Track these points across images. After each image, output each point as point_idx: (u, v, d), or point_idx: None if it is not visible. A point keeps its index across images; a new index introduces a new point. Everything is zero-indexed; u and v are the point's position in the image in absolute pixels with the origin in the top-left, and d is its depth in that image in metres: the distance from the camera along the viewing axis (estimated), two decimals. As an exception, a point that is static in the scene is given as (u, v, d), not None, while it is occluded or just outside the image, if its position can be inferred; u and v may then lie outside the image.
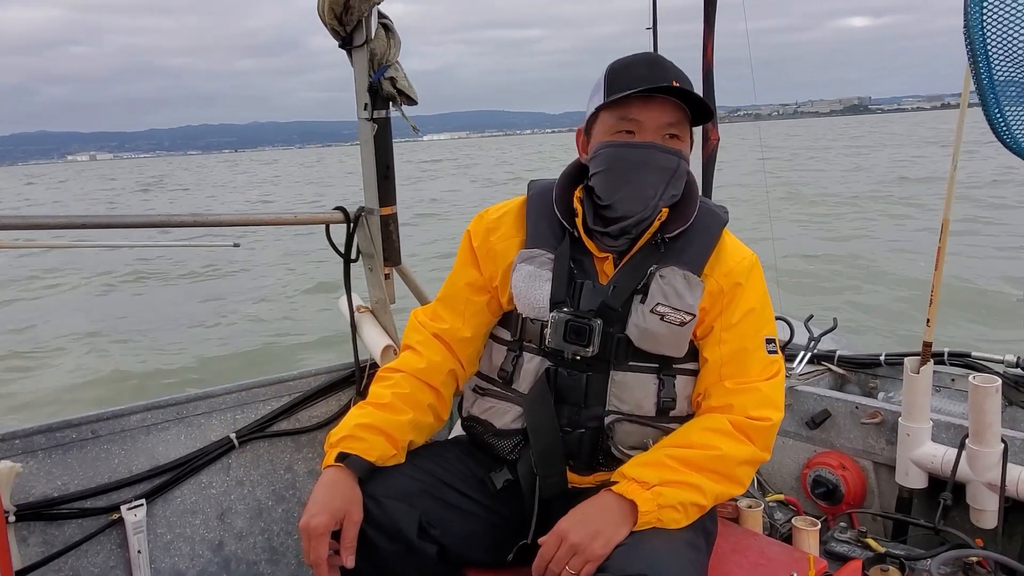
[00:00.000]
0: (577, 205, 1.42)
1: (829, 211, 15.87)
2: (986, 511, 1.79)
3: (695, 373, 1.43)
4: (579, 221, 1.41)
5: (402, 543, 1.32)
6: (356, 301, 2.03)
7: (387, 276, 2.00)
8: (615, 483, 1.30)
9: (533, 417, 1.42)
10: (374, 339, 1.94)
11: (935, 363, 1.98)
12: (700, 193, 1.48)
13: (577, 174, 1.47)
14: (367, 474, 1.34)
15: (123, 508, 1.65)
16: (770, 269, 1.54)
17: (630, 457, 1.37)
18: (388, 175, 1.93)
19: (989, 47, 1.30)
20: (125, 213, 1.79)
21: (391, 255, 1.98)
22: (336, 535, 1.27)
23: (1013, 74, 1.36)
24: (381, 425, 1.38)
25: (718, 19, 2.63)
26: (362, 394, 1.99)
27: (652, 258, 1.39)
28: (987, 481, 1.77)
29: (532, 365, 1.43)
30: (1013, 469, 1.75)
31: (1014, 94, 1.36)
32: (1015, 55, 1.33)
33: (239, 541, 1.85)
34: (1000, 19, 1.27)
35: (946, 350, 2.31)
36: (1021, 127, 1.40)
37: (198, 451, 1.77)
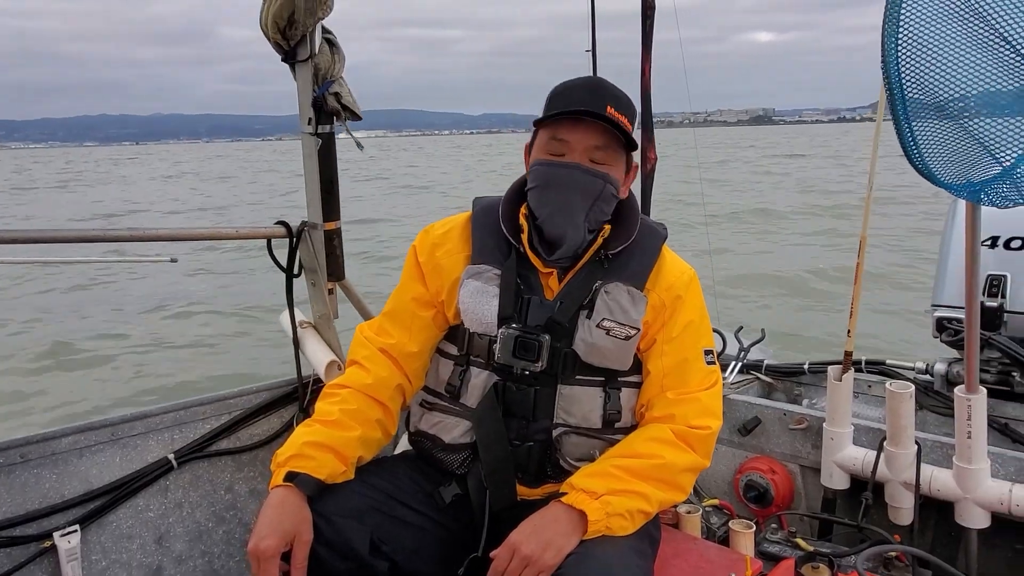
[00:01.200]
0: (523, 222, 1.46)
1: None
2: (903, 508, 1.92)
3: (638, 385, 1.48)
4: (525, 237, 1.45)
5: (354, 561, 1.32)
6: (299, 316, 2.01)
7: (331, 291, 1.99)
8: (564, 494, 1.34)
9: (482, 431, 1.44)
10: (318, 355, 1.93)
11: (854, 371, 2.10)
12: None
13: (522, 189, 1.50)
14: (317, 493, 1.33)
15: (56, 535, 1.58)
16: (706, 279, 1.61)
17: (577, 468, 1.41)
18: (332, 190, 1.93)
19: (903, 72, 1.41)
20: (55, 228, 1.72)
21: (335, 270, 1.97)
22: (286, 556, 1.26)
23: (922, 96, 1.47)
24: (330, 442, 1.38)
25: (637, 27, 2.72)
26: (305, 411, 1.96)
27: (597, 274, 1.44)
28: (903, 480, 1.89)
29: (480, 380, 1.46)
30: (925, 469, 1.88)
31: (923, 115, 1.48)
32: (924, 80, 1.44)
33: (178, 565, 1.79)
34: (912, 46, 1.38)
35: (863, 358, 2.47)
36: (928, 148, 1.52)
37: (134, 473, 1.72)
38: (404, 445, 1.87)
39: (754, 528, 1.79)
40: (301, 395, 1.96)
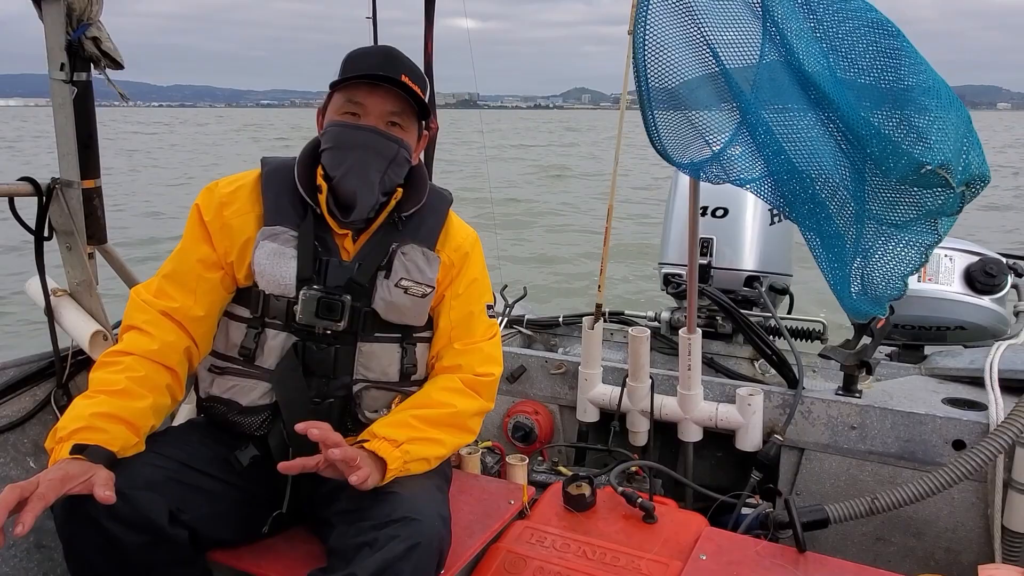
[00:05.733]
0: (322, 182, 1.48)
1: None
2: (640, 432, 2.31)
3: (430, 339, 1.61)
4: (323, 199, 1.48)
5: (150, 534, 1.28)
6: (51, 284, 1.81)
7: (91, 255, 1.82)
8: (365, 441, 1.41)
9: (284, 391, 1.46)
10: (78, 325, 1.77)
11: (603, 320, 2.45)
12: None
13: (316, 152, 1.52)
14: (110, 465, 1.26)
15: None
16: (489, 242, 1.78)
17: (375, 420, 1.51)
18: (91, 144, 1.76)
19: (648, 67, 1.69)
20: None
21: (96, 232, 1.81)
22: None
23: (660, 85, 1.77)
24: (120, 413, 1.31)
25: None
26: (64, 387, 1.80)
27: (392, 236, 1.52)
28: (640, 409, 2.28)
29: (277, 341, 1.47)
30: (656, 398, 2.27)
31: (660, 103, 1.78)
32: (661, 74, 1.74)
33: None
34: (654, 46, 1.66)
35: (606, 310, 2.86)
36: (664, 133, 1.84)
37: None
38: (186, 414, 1.81)
39: (527, 461, 2.04)
40: (59, 370, 1.78)
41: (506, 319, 2.84)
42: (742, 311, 2.47)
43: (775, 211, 2.64)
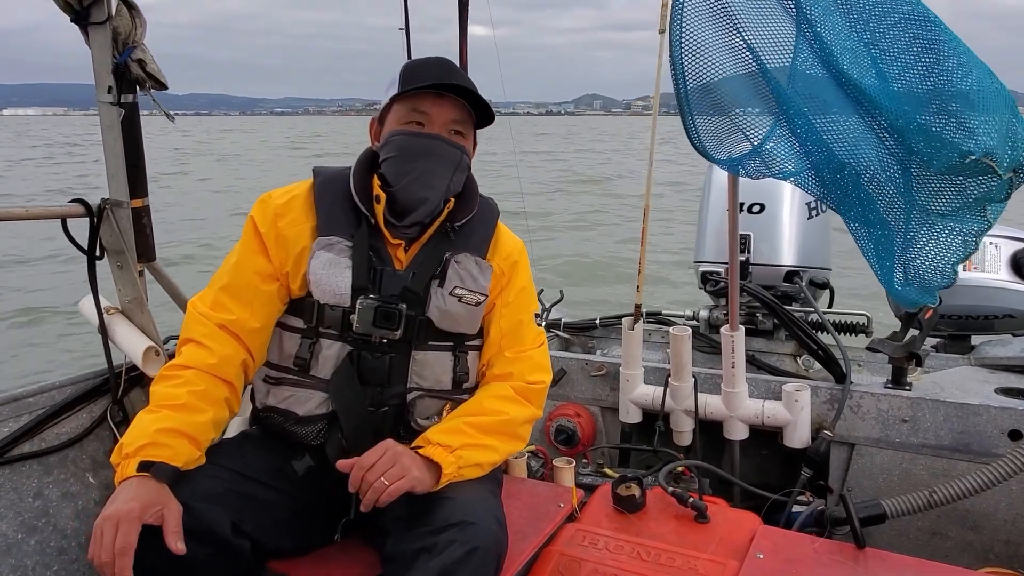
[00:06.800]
0: (380, 192, 1.49)
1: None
2: (684, 432, 2.29)
3: (481, 347, 1.61)
4: (381, 208, 1.49)
5: (214, 545, 1.29)
6: (104, 303, 1.85)
7: (140, 273, 1.87)
8: (419, 447, 1.43)
9: (341, 400, 1.47)
10: (132, 342, 1.81)
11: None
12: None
13: (371, 162, 1.54)
14: (174, 481, 1.28)
15: None
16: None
17: (428, 427, 1.52)
18: (139, 164, 1.80)
19: (686, 68, 1.68)
20: None
21: (145, 251, 1.85)
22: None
23: (697, 86, 1.77)
24: (183, 428, 1.33)
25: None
26: (119, 403, 1.84)
27: (444, 245, 1.54)
28: (684, 408, 2.26)
29: (332, 351, 1.48)
30: (700, 397, 2.26)
31: (698, 103, 1.78)
32: (699, 75, 1.74)
33: None
34: (691, 47, 1.66)
35: (644, 311, 2.84)
36: (702, 130, 1.83)
37: None
38: (236, 427, 1.84)
39: (574, 464, 2.04)
40: (113, 386, 1.82)
41: (544, 322, 2.84)
42: (784, 307, 2.44)
43: (813, 205, 2.60)
